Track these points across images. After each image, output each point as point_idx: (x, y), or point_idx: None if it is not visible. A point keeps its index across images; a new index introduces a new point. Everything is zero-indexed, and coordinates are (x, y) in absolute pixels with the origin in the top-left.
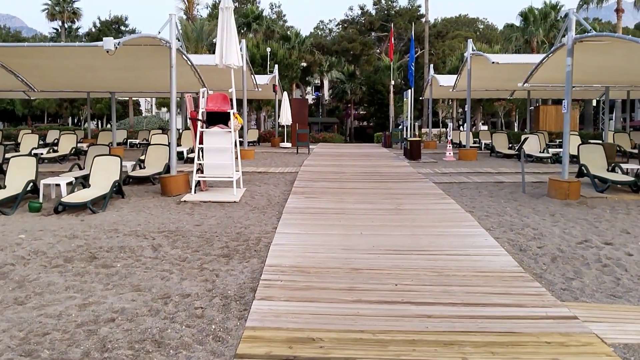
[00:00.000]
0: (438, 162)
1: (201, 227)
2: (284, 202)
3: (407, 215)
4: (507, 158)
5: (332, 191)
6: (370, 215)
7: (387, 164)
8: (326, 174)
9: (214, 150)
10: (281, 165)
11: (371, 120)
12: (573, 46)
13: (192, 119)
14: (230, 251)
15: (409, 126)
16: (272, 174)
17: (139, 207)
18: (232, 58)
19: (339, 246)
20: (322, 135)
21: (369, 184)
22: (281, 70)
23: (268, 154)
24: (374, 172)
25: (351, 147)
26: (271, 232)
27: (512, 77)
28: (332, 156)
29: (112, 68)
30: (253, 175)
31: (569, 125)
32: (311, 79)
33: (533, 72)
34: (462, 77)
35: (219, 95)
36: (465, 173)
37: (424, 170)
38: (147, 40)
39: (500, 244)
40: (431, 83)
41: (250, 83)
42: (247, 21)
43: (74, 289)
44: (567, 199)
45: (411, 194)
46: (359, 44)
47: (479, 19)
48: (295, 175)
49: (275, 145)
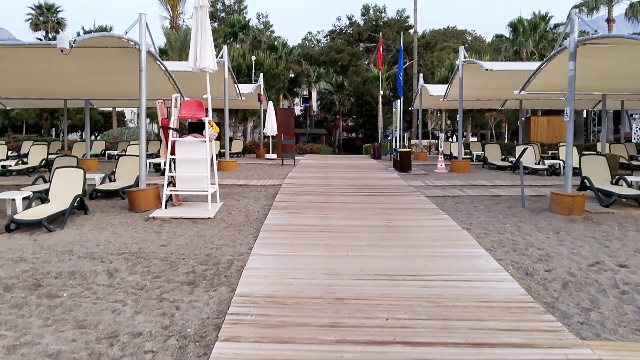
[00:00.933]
0: (429, 174)
1: (167, 248)
2: (264, 219)
3: (398, 232)
4: (500, 170)
5: (317, 206)
6: (358, 233)
7: (376, 176)
8: (311, 187)
9: (187, 162)
10: (264, 177)
11: (360, 132)
12: (576, 49)
13: (163, 127)
14: (196, 277)
15: (398, 137)
16: (254, 187)
17: (101, 225)
18: (207, 61)
19: (322, 270)
20: (309, 147)
21: (357, 198)
22: (268, 81)
23: (252, 165)
24: (362, 184)
25: (339, 158)
26: (246, 253)
27: (504, 86)
28: (318, 168)
29: (81, 73)
30: (232, 189)
31: (572, 134)
32: (299, 89)
33: (531, 78)
34: (454, 85)
35: (193, 101)
36: (458, 186)
37: (415, 182)
38: (113, 41)
39: (503, 266)
40: (421, 93)
41: (233, 92)
42: (233, 31)
43: (6, 325)
44: (571, 214)
45: (402, 208)
46: (347, 55)
47: (467, 31)
48: (278, 189)
49: (260, 157)
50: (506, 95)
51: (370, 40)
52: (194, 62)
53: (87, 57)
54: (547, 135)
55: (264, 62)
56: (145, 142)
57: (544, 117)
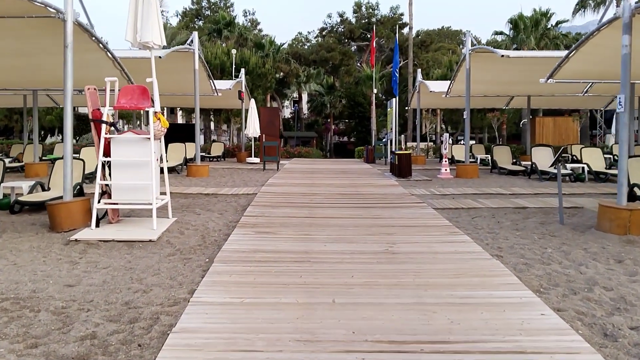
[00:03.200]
0: (433, 181)
1: (73, 290)
2: (224, 241)
3: (404, 263)
4: (512, 175)
5: (296, 222)
6: (349, 263)
7: (371, 183)
8: (292, 196)
9: (126, 166)
10: (239, 184)
11: (352, 135)
12: (631, 18)
13: (94, 120)
14: (92, 348)
15: (393, 139)
16: (223, 196)
17: (3, 252)
18: (151, 34)
19: (294, 333)
20: (297, 150)
21: (348, 211)
22: (254, 80)
23: (229, 170)
24: (354, 193)
25: (329, 162)
26: (183, 300)
27: (515, 79)
28: (304, 173)
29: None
30: (196, 199)
31: (627, 132)
32: (288, 91)
33: (562, 62)
34: (458, 80)
35: (135, 87)
36: (471, 195)
37: (418, 190)
38: (26, 6)
39: (569, 322)
40: (419, 90)
41: (207, 86)
42: (218, 27)
43: None
44: (629, 234)
45: (407, 225)
46: (339, 54)
47: (462, 32)
48: (252, 199)
49: (241, 161)
50: (516, 90)
51: (363, 39)
52: (132, 35)
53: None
54: (554, 137)
55: (249, 60)
56: (71, 140)
57: (550, 118)
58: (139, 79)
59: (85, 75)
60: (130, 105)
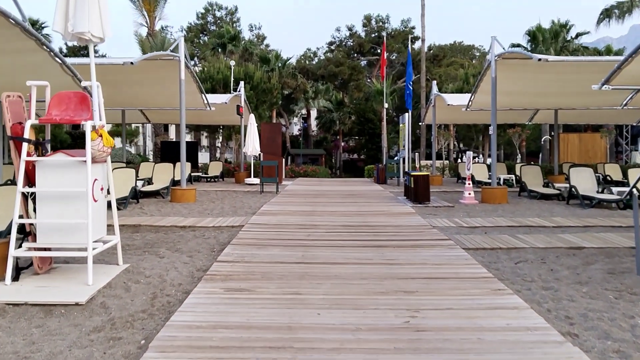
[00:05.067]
0: (455, 207)
1: None
2: (180, 303)
3: (437, 353)
4: (545, 199)
5: (284, 272)
6: (352, 353)
7: (382, 210)
8: (286, 230)
9: (56, 198)
10: (227, 212)
11: (362, 153)
12: None
13: (13, 138)
14: None
15: (406, 157)
16: (202, 229)
17: None
18: (88, 23)
19: None
20: (303, 169)
21: (354, 253)
22: (259, 96)
23: (222, 193)
24: (362, 225)
25: (336, 183)
26: None
27: (545, 90)
28: (306, 197)
29: None
30: (169, 233)
31: None
32: (296, 107)
33: (624, 64)
34: (481, 90)
35: (71, 95)
36: (506, 228)
37: (440, 221)
38: None
39: None
40: (434, 104)
41: (197, 100)
42: (222, 42)
43: None
44: None
45: (432, 277)
46: (348, 68)
47: (474, 46)
48: (236, 232)
49: (240, 182)
50: (544, 103)
51: (373, 54)
52: (63, 24)
53: None
54: (580, 155)
55: (253, 75)
56: None
57: (575, 135)
58: (110, 90)
59: (22, 82)
60: (62, 118)
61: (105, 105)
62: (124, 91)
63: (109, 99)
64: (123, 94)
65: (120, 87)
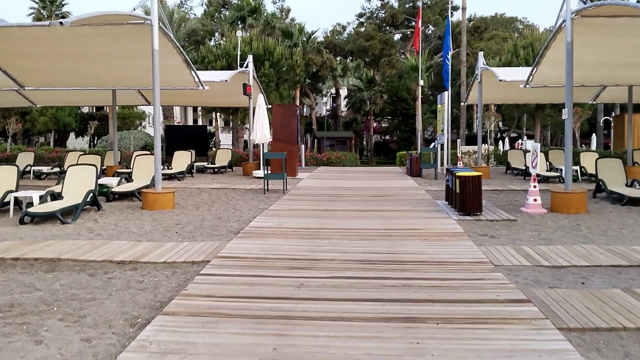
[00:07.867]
0: (518, 221)
1: None
2: None
3: None
4: (633, 204)
5: None
6: None
7: (416, 229)
8: (268, 272)
9: None
10: (204, 229)
11: (394, 134)
12: None
13: None
14: None
15: (445, 143)
16: (146, 267)
17: None
18: None
19: None
20: (326, 156)
21: (366, 342)
22: (279, 73)
23: (218, 193)
24: (386, 259)
25: (362, 174)
26: None
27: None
28: (319, 200)
29: None
30: (96, 275)
31: None
32: (323, 86)
33: None
34: (546, 61)
35: None
36: (611, 270)
37: (503, 252)
38: None
39: None
40: (481, 80)
41: (186, 78)
42: (242, 14)
43: None
44: None
45: None
46: (379, 42)
47: (517, 19)
48: (191, 277)
49: (247, 174)
50: (624, 77)
51: (407, 26)
52: None
53: None
54: None
55: (274, 51)
56: None
57: None
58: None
59: None
60: None
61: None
62: (90, 67)
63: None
64: (90, 69)
65: (86, 62)
